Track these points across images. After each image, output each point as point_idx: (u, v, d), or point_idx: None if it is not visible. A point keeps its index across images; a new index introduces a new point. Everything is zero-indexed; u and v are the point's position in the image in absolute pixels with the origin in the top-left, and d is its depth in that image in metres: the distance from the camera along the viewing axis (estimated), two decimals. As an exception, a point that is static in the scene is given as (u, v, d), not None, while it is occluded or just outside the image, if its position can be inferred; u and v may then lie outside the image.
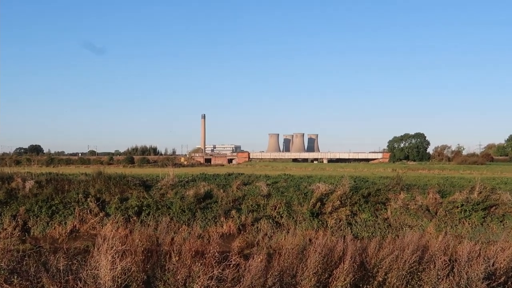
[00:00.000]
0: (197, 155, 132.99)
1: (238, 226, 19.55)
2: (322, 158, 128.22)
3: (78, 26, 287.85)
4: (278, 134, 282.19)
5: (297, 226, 19.18)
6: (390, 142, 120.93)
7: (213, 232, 18.91)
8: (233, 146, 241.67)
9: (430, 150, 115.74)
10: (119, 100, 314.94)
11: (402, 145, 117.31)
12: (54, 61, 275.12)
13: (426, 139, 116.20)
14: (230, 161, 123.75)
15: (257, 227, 19.43)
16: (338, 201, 20.51)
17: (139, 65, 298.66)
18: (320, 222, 19.67)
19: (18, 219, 19.53)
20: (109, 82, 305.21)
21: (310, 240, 17.42)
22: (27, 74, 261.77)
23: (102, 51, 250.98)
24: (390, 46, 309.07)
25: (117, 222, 19.19)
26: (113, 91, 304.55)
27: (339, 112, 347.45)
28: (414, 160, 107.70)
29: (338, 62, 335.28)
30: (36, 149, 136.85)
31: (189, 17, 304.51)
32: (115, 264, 8.81)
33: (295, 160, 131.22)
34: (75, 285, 8.56)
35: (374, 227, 19.50)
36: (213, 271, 9.19)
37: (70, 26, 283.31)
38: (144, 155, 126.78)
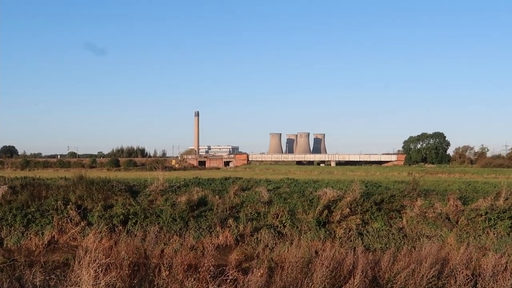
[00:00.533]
0: (189, 157, 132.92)
1: (236, 237, 19.49)
2: (330, 161, 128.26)
3: (56, 21, 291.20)
4: (281, 134, 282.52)
5: (301, 237, 19.13)
6: (405, 142, 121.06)
7: (207, 243, 18.88)
8: (230, 147, 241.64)
9: (450, 151, 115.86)
10: (102, 97, 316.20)
11: (419, 146, 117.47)
12: (28, 56, 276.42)
13: (446, 139, 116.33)
14: (226, 163, 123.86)
15: (257, 238, 19.39)
16: (347, 208, 20.47)
17: (125, 59, 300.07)
18: (328, 232, 19.63)
19: (-10, 229, 19.50)
20: (90, 78, 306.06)
21: (316, 252, 17.38)
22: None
23: (86, 47, 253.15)
24: (404, 36, 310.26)
25: (101, 232, 19.17)
26: (95, 87, 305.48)
27: (349, 110, 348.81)
28: (433, 163, 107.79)
29: (347, 55, 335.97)
30: (9, 151, 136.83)
31: (182, 7, 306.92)
32: (98, 279, 8.81)
33: (299, 162, 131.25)
34: (53, 303, 8.57)
35: (388, 238, 19.46)
36: (208, 287, 9.19)
37: (47, 21, 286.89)
38: (130, 157, 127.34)
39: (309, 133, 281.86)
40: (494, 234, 19.33)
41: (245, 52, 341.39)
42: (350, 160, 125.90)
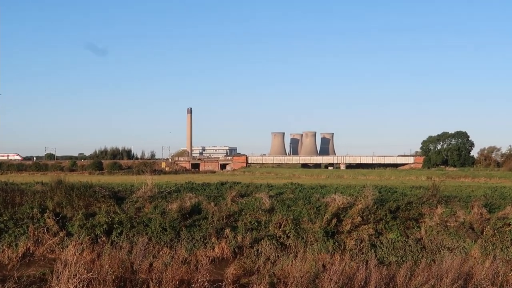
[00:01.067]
0: (181, 159, 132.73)
1: (234, 249, 19.47)
2: (339, 163, 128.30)
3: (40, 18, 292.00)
4: (284, 134, 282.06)
5: (307, 249, 19.11)
6: (424, 143, 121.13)
7: (201, 256, 18.88)
8: (227, 148, 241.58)
9: (474, 153, 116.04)
10: (83, 92, 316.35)
11: (439, 146, 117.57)
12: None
13: (470, 139, 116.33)
14: (223, 166, 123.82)
15: (257, 250, 19.36)
16: (359, 217, 20.45)
17: (109, 52, 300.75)
18: (337, 244, 19.62)
19: (-43, 240, 19.49)
20: (71, 72, 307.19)
21: (323, 266, 17.30)
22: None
23: (69, 41, 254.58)
24: (423, 24, 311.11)
25: (82, 244, 19.14)
26: (75, 82, 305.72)
27: (360, 106, 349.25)
28: (455, 166, 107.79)
29: (357, 45, 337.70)
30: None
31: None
32: (79, 296, 8.79)
33: (305, 165, 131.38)
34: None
35: (404, 250, 19.44)
36: (202, 305, 9.18)
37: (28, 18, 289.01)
38: (115, 159, 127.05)
39: (315, 133, 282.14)
40: (523, 246, 19.30)
41: (243, 43, 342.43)
42: (361, 162, 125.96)
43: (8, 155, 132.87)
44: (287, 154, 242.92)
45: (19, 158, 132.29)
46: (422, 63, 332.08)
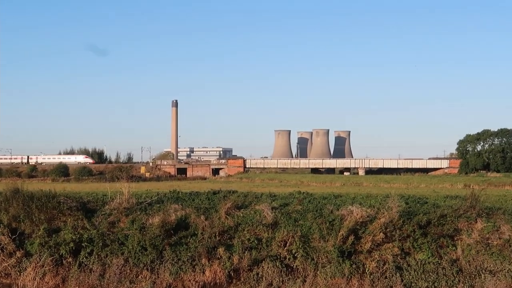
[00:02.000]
0: (165, 163, 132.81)
1: (228, 272, 19.48)
2: (357, 168, 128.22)
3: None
4: (290, 132, 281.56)
5: (318, 272, 19.10)
6: (461, 143, 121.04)
7: (189, 281, 18.87)
8: (221, 149, 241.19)
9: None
10: (44, 83, 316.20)
11: (479, 147, 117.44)
12: None
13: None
14: (215, 172, 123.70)
15: (257, 274, 19.36)
16: (381, 233, 20.42)
17: (75, 39, 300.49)
18: (354, 266, 19.61)
19: None
20: (27, 61, 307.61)
21: (338, 293, 17.36)
22: None
23: (29, 32, 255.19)
24: (457, 11, 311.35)
25: (43, 266, 19.14)
26: (34, 71, 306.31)
27: (382, 99, 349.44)
28: (498, 171, 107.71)
29: (377, 27, 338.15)
30: None
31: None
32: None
33: (315, 170, 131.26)
34: None
35: (437, 274, 19.42)
36: None
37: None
38: (84, 163, 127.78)
39: (328, 130, 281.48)
40: None
41: (239, 27, 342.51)
42: (384, 167, 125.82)
43: None
44: (294, 156, 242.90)
45: None
46: (459, 48, 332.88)
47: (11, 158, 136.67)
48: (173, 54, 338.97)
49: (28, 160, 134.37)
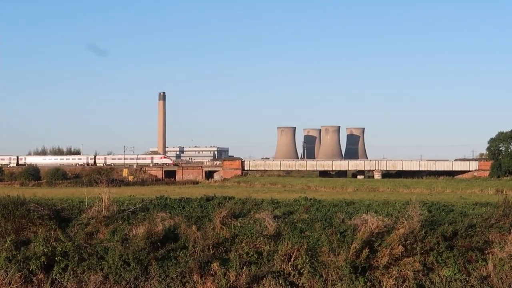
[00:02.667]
0: (151, 164, 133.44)
1: (224, 290, 19.50)
2: (372, 170, 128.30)
3: None
4: (295, 129, 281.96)
5: (328, 291, 19.14)
6: (492, 142, 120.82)
7: (179, 300, 18.86)
8: (215, 149, 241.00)
9: None
10: (13, 77, 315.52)
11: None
12: None
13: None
14: (209, 175, 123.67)
15: (258, 292, 19.41)
16: (400, 246, 20.48)
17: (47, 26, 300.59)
18: (369, 284, 19.63)
19: None
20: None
21: (351, 314, 17.31)
22: None
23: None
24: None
25: (10, 283, 19.15)
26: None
27: (400, 93, 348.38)
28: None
29: (395, 12, 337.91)
30: None
31: None
32: None
33: (324, 173, 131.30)
34: None
35: (465, 292, 19.46)
36: None
37: None
38: (57, 164, 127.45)
39: (339, 127, 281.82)
40: None
41: (237, 16, 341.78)
42: (404, 169, 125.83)
43: None
44: (300, 157, 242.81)
45: None
46: (489, 35, 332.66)
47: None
48: (159, 42, 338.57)
49: (17, 161, 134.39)
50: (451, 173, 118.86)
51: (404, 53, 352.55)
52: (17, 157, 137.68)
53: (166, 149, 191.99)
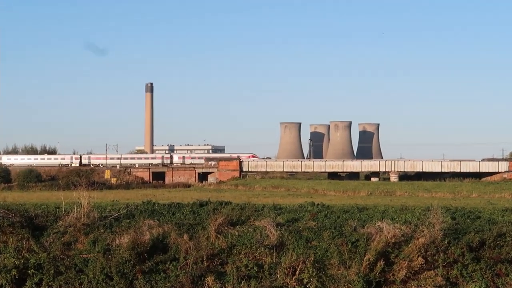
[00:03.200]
0: (137, 165, 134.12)
1: (220, 309, 19.52)
2: (389, 172, 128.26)
3: None
4: (300, 124, 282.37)
5: (338, 309, 19.09)
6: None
7: (169, 320, 18.80)
8: (210, 147, 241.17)
9: None
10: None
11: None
12: None
13: None
14: (203, 177, 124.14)
15: (258, 311, 19.39)
16: (420, 257, 20.47)
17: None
18: (385, 301, 19.59)
19: None
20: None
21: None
22: None
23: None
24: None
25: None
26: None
27: (420, 85, 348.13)
28: None
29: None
30: None
31: None
32: None
33: (333, 175, 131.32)
34: None
35: (494, 311, 19.46)
36: None
37: None
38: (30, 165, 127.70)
39: (350, 123, 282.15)
40: None
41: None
42: (424, 170, 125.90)
43: None
44: (306, 157, 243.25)
45: None
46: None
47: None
48: (145, 26, 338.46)
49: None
50: (478, 175, 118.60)
51: (426, 41, 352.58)
52: None
53: (154, 148, 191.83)
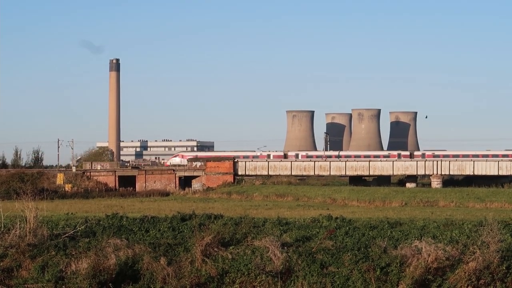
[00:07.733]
0: (98, 167, 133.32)
1: None
2: (430, 175, 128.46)
3: None
4: (313, 113, 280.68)
5: None
6: None
7: None
8: (195, 143, 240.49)
9: None
10: None
11: None
12: None
13: None
14: (186, 181, 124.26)
15: None
16: (470, 286, 20.54)
17: None
18: None
19: None
20: None
21: None
22: None
23: None
24: None
25: None
26: None
27: (467, 65, 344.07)
28: None
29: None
30: None
31: None
32: None
33: (356, 179, 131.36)
34: None
35: None
36: None
37: None
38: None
39: (379, 111, 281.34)
40: None
41: None
42: (475, 174, 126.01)
43: None
44: (322, 151, 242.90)
45: None
46: None
47: None
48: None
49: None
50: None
51: (473, 22, 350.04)
52: None
53: (122, 144, 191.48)
